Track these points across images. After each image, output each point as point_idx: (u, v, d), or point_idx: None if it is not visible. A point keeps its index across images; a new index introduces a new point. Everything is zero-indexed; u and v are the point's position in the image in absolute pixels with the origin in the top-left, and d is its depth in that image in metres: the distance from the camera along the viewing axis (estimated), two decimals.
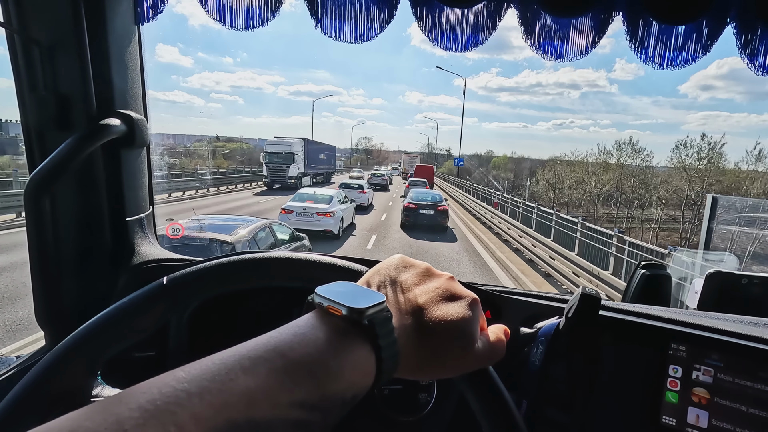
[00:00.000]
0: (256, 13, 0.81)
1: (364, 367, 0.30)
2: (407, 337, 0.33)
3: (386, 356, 0.31)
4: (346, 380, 0.28)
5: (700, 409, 0.54)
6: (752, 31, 0.77)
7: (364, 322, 0.31)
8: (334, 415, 0.28)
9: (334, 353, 0.28)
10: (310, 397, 0.26)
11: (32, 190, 0.68)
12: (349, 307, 0.31)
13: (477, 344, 0.37)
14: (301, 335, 0.28)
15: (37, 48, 0.71)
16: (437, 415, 0.75)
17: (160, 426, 0.20)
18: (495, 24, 0.82)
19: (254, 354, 0.26)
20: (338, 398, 0.28)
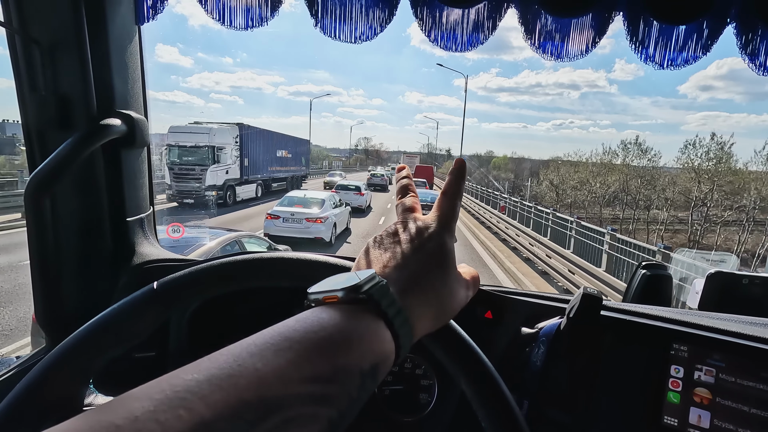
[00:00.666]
0: (255, 13, 0.81)
1: (375, 335, 0.30)
2: (405, 292, 0.34)
3: (395, 319, 0.32)
4: (357, 351, 0.28)
5: (702, 409, 0.54)
6: (753, 31, 0.77)
7: (362, 296, 0.31)
8: (355, 386, 0.28)
9: (339, 328, 0.29)
10: (322, 370, 0.26)
11: (32, 190, 0.68)
12: (343, 288, 0.31)
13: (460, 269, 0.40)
14: (303, 320, 0.29)
15: (38, 48, 0.71)
16: (438, 415, 0.75)
17: (170, 411, 0.20)
18: (495, 24, 0.82)
19: (260, 341, 0.26)
20: (355, 369, 0.28)
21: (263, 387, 0.23)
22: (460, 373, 0.44)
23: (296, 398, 0.24)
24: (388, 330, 0.31)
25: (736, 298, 0.99)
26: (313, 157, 70.84)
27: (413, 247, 0.38)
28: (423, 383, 0.77)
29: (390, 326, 0.31)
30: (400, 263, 0.36)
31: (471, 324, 0.53)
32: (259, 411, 0.22)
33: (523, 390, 0.61)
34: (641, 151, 30.04)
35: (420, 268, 0.36)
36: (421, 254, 0.37)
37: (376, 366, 0.29)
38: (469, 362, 0.43)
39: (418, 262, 0.37)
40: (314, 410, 0.25)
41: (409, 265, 0.36)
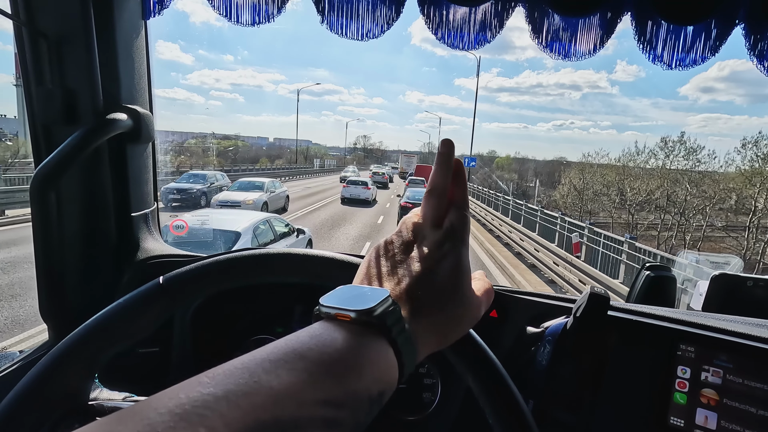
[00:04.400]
0: (262, 10, 0.81)
1: (384, 361, 0.30)
2: (416, 316, 0.34)
3: (404, 347, 0.32)
4: (368, 377, 0.28)
5: (709, 410, 0.54)
6: (761, 32, 0.76)
7: (374, 321, 0.31)
8: (363, 412, 0.28)
9: (352, 352, 0.29)
10: (335, 395, 0.26)
11: (38, 184, 0.68)
12: (357, 311, 0.31)
13: (473, 286, 0.39)
14: (317, 337, 0.29)
15: (45, 41, 0.71)
16: (442, 414, 0.75)
17: (190, 428, 0.20)
18: (502, 23, 0.81)
19: (274, 357, 0.26)
20: (364, 395, 0.28)
21: (278, 408, 0.23)
22: (467, 370, 0.44)
23: (310, 421, 0.24)
24: (395, 357, 0.31)
25: (740, 301, 0.99)
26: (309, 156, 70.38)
27: (428, 267, 0.36)
28: (426, 382, 0.77)
29: (398, 354, 0.31)
30: (412, 285, 0.35)
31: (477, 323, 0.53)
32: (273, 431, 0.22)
33: (529, 389, 0.61)
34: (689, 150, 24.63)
35: (433, 292, 0.35)
36: (435, 275, 0.36)
37: (382, 393, 0.30)
38: (477, 360, 0.43)
39: (431, 284, 0.36)
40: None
41: (421, 287, 0.35)
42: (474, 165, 29.04)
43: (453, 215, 0.40)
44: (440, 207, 0.40)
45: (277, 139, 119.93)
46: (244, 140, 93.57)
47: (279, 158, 59.02)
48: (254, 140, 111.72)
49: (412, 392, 0.77)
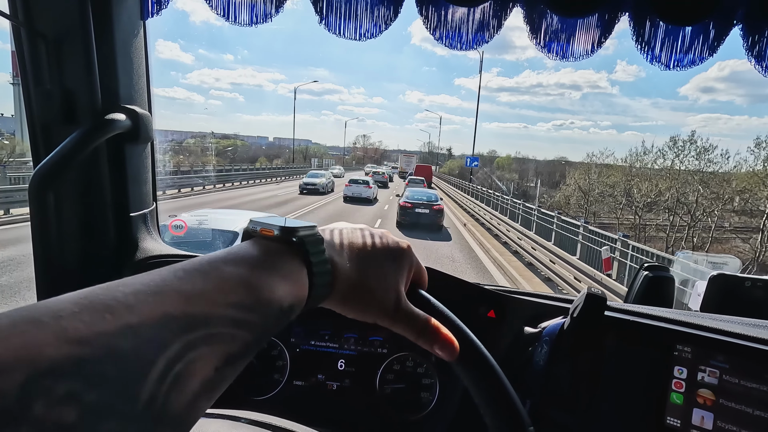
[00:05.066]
0: (260, 10, 0.81)
1: (296, 279, 0.32)
2: (340, 260, 0.36)
3: (318, 271, 0.33)
4: (279, 289, 0.30)
5: (705, 410, 0.54)
6: (759, 32, 0.76)
7: (294, 240, 0.33)
8: (273, 318, 0.30)
9: (266, 266, 0.31)
10: (246, 300, 0.28)
11: (37, 183, 0.68)
12: (280, 227, 0.33)
13: (401, 297, 0.39)
14: (234, 253, 0.31)
15: (43, 42, 0.71)
16: (440, 414, 0.75)
17: (95, 313, 0.21)
18: (501, 23, 0.81)
19: (189, 267, 0.27)
20: (275, 305, 0.30)
21: (189, 305, 0.25)
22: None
23: (220, 319, 0.26)
24: (308, 278, 0.33)
25: (738, 301, 0.99)
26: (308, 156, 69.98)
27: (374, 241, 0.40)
28: (425, 382, 0.77)
29: (311, 275, 0.33)
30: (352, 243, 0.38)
31: (474, 323, 0.53)
32: (183, 324, 0.24)
33: (526, 390, 0.61)
34: (701, 150, 23.15)
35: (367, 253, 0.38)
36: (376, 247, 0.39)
37: (291, 306, 0.32)
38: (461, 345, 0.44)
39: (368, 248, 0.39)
40: (234, 332, 0.27)
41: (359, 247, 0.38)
42: (477, 165, 28.40)
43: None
44: None
45: (276, 138, 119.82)
46: (244, 140, 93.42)
47: (278, 158, 58.89)
48: (254, 140, 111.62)
49: (410, 392, 0.77)
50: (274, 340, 0.80)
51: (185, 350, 0.23)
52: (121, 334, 0.21)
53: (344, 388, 0.78)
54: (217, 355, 0.25)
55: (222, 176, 25.24)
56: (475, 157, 28.22)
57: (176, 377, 0.22)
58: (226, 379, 0.27)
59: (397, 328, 0.39)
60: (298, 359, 0.79)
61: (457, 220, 17.07)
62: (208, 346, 0.25)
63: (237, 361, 0.27)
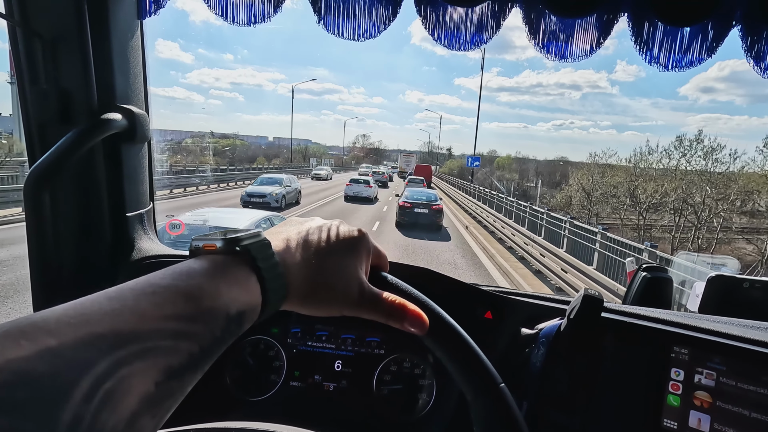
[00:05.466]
0: (258, 9, 0.80)
1: (245, 284, 0.32)
2: (294, 261, 0.36)
3: (269, 276, 0.33)
4: (224, 297, 0.30)
5: (702, 412, 0.54)
6: (758, 33, 0.76)
7: (237, 249, 0.33)
8: (220, 327, 0.29)
9: (207, 275, 0.30)
10: (184, 311, 0.27)
11: (32, 183, 0.67)
12: (222, 239, 0.33)
13: (363, 284, 0.39)
14: (172, 270, 0.30)
15: (39, 41, 0.71)
16: (437, 415, 0.75)
17: (7, 340, 0.20)
18: (499, 23, 0.81)
19: (123, 287, 0.27)
20: (220, 313, 0.29)
21: (118, 322, 0.24)
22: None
23: (155, 332, 0.25)
24: (259, 284, 0.33)
25: (737, 302, 0.99)
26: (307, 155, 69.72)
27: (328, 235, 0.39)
28: (421, 383, 0.77)
29: (261, 281, 0.33)
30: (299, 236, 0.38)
31: (470, 324, 0.53)
32: (111, 341, 0.23)
33: (523, 391, 0.61)
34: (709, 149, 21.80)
35: (321, 249, 0.38)
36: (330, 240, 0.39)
37: (242, 313, 0.31)
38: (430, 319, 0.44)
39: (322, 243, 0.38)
40: (174, 344, 0.26)
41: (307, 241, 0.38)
42: (478, 165, 27.97)
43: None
44: None
45: (276, 138, 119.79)
46: (243, 139, 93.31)
47: (276, 157, 58.80)
48: (253, 139, 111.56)
49: (407, 393, 0.77)
50: (271, 341, 0.80)
51: (115, 367, 0.22)
52: (38, 358, 0.20)
53: (341, 389, 0.78)
54: (155, 370, 0.24)
55: (219, 176, 25.02)
56: (477, 156, 27.51)
57: (106, 395, 0.22)
58: (173, 395, 0.26)
59: (365, 314, 0.39)
60: (294, 360, 0.79)
61: (458, 222, 16.62)
62: (142, 361, 0.24)
63: (184, 373, 0.26)
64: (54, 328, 0.22)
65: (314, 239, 0.38)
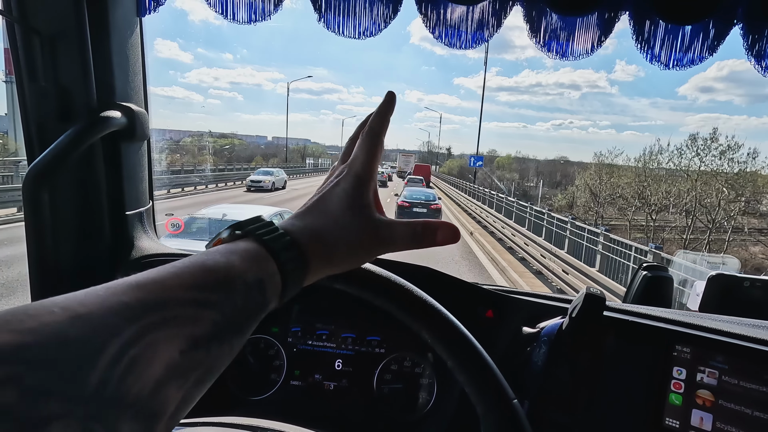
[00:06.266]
0: (258, 7, 0.80)
1: (254, 256, 0.33)
2: (301, 228, 0.37)
3: (276, 244, 0.34)
4: (239, 266, 0.31)
5: (704, 411, 0.53)
6: (759, 32, 0.76)
7: (242, 234, 0.35)
8: (241, 295, 0.30)
9: (219, 252, 0.32)
10: (203, 281, 0.28)
11: (31, 181, 0.67)
12: (227, 229, 0.35)
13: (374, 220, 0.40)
14: (188, 258, 0.31)
15: (38, 38, 0.70)
16: (438, 414, 0.75)
17: (42, 308, 0.21)
18: (500, 21, 0.81)
19: (143, 273, 0.28)
20: (238, 281, 0.30)
21: (141, 291, 0.25)
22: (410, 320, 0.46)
23: (176, 301, 0.26)
24: (270, 254, 0.34)
25: (737, 301, 0.99)
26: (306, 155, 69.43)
27: (319, 193, 0.41)
28: (422, 382, 0.77)
29: (271, 251, 0.34)
30: (304, 209, 0.40)
31: (472, 323, 0.52)
32: (137, 309, 0.24)
33: (524, 390, 0.61)
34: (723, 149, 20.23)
35: (318, 213, 0.39)
36: (323, 200, 0.40)
37: (260, 281, 0.32)
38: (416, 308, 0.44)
39: (317, 207, 0.39)
40: (196, 312, 0.27)
41: (311, 209, 0.39)
42: (481, 164, 27.39)
43: (358, 145, 0.42)
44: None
45: (275, 137, 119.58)
46: (242, 139, 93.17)
47: (275, 157, 58.64)
48: (252, 139, 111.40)
49: (408, 392, 0.77)
50: (271, 340, 0.80)
51: (140, 334, 0.23)
52: (70, 323, 0.21)
53: (341, 388, 0.78)
54: (180, 338, 0.25)
55: (217, 176, 24.89)
56: (480, 156, 26.86)
57: (132, 361, 0.22)
58: (200, 365, 0.26)
59: (393, 249, 0.40)
60: (295, 359, 0.79)
61: (461, 227, 15.71)
62: (168, 328, 0.25)
63: (209, 344, 0.27)
64: (84, 299, 0.23)
65: (316, 203, 0.40)
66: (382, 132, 0.42)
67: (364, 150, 0.41)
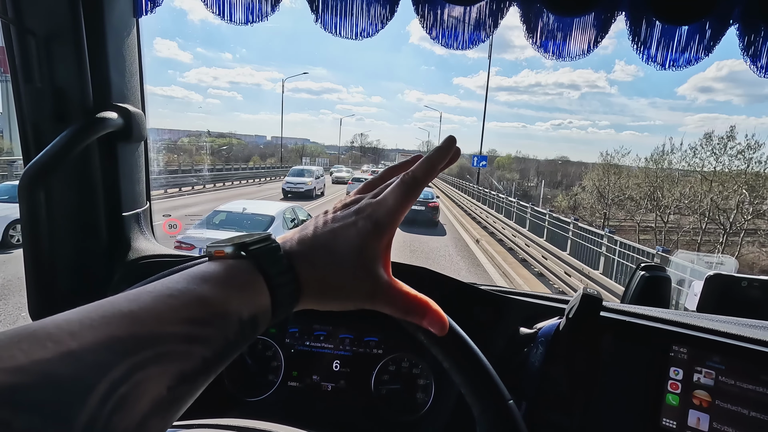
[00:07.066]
0: (255, 8, 0.80)
1: (254, 289, 0.32)
2: (303, 261, 0.35)
3: (278, 280, 0.33)
4: (235, 301, 0.30)
5: (701, 411, 0.53)
6: (755, 32, 0.76)
7: (245, 255, 0.33)
8: (233, 331, 0.29)
9: (219, 281, 0.30)
10: (198, 315, 0.28)
11: (27, 182, 0.67)
12: (232, 245, 0.34)
13: (377, 275, 0.37)
14: (187, 273, 0.31)
15: (34, 39, 0.70)
16: (435, 415, 0.75)
17: (35, 342, 0.21)
18: (497, 22, 0.81)
19: (141, 290, 0.28)
20: (233, 317, 0.29)
21: (136, 325, 0.25)
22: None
23: (169, 336, 0.26)
24: (268, 288, 0.32)
25: (735, 301, 0.99)
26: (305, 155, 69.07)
27: (333, 224, 0.37)
28: (420, 383, 0.77)
29: (270, 284, 0.32)
30: (312, 237, 0.37)
31: (468, 324, 0.52)
32: (129, 345, 0.24)
33: (521, 391, 0.61)
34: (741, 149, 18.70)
35: (325, 250, 0.36)
36: (336, 236, 0.36)
37: (255, 317, 0.31)
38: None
39: (328, 239, 0.36)
40: (188, 348, 0.26)
41: (320, 241, 0.36)
42: (485, 165, 26.34)
43: (391, 189, 0.38)
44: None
45: (274, 137, 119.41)
46: (241, 138, 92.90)
47: (272, 156, 58.41)
48: (251, 138, 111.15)
49: (406, 393, 0.77)
50: (268, 341, 0.80)
51: (131, 372, 0.23)
52: (61, 361, 0.21)
53: (339, 389, 0.78)
54: (168, 374, 0.25)
55: (215, 176, 24.50)
56: (484, 156, 25.18)
57: (121, 399, 0.22)
58: (184, 398, 0.26)
59: (382, 309, 0.38)
60: (292, 360, 0.79)
61: (465, 232, 13.98)
62: (158, 365, 0.24)
63: (196, 378, 0.27)
64: (77, 330, 0.23)
65: (327, 239, 0.36)
66: (425, 183, 0.38)
67: (396, 198, 0.37)
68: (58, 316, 0.24)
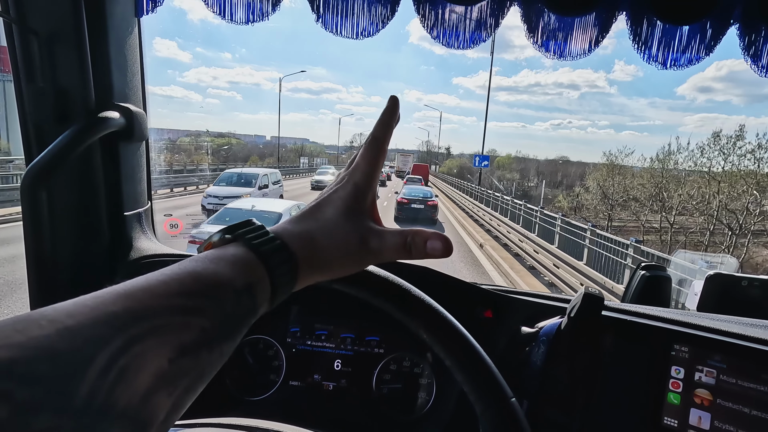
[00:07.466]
0: (256, 8, 0.80)
1: (243, 261, 0.32)
2: (293, 234, 0.37)
3: (265, 248, 0.34)
4: (227, 273, 0.31)
5: (703, 410, 0.54)
6: (756, 32, 0.76)
7: (228, 237, 0.35)
8: (230, 300, 0.30)
9: (207, 257, 0.32)
10: (192, 287, 0.28)
11: (29, 182, 0.67)
12: (218, 233, 0.35)
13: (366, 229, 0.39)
14: (177, 264, 0.31)
15: (36, 38, 0.70)
16: (437, 414, 0.75)
17: (31, 322, 0.22)
18: (498, 21, 0.81)
19: (134, 280, 0.28)
20: (227, 287, 0.30)
21: (131, 300, 0.25)
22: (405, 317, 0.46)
23: (165, 309, 0.26)
24: (259, 258, 0.33)
25: (735, 300, 1.00)
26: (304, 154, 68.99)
27: (317, 199, 0.40)
28: (421, 382, 0.77)
29: (259, 255, 0.33)
30: (299, 215, 0.40)
31: (470, 323, 0.52)
32: (125, 319, 0.24)
33: (523, 390, 0.61)
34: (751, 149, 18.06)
35: (314, 216, 0.39)
36: (321, 205, 0.40)
37: (250, 285, 0.32)
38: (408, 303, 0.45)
39: (313, 209, 0.39)
40: (184, 319, 0.27)
41: (306, 214, 0.39)
42: (487, 164, 24.99)
43: (360, 154, 0.42)
44: None
45: (274, 137, 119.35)
46: (240, 138, 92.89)
47: (270, 156, 58.36)
48: (251, 138, 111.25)
49: (407, 392, 0.77)
50: (270, 340, 0.80)
51: (129, 344, 0.23)
52: (58, 336, 0.21)
53: (340, 388, 0.78)
54: (168, 346, 0.25)
55: (214, 176, 24.51)
56: (486, 155, 25.02)
57: (121, 371, 0.22)
58: (188, 373, 0.26)
59: (382, 259, 0.40)
60: (294, 359, 0.79)
61: (468, 236, 13.18)
62: (155, 337, 0.25)
63: (198, 350, 0.27)
64: (73, 309, 0.23)
65: (312, 209, 0.39)
66: (385, 140, 0.42)
67: (365, 159, 0.41)
68: (55, 305, 0.24)
